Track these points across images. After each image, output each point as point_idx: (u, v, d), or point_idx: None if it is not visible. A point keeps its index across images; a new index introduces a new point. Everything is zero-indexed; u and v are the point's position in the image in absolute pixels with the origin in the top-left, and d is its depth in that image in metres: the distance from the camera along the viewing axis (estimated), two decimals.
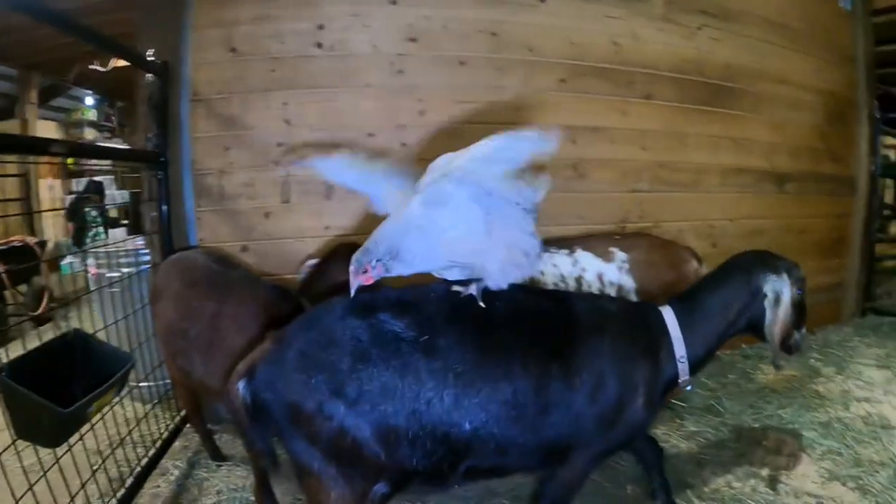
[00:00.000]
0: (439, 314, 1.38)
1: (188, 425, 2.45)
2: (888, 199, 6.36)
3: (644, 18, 3.00)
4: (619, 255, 2.44)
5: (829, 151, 3.78)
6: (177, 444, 2.42)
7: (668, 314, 1.53)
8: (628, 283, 2.42)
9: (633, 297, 2.41)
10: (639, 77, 2.97)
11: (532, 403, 1.35)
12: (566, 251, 2.45)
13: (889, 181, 6.04)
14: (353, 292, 1.34)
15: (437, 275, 1.45)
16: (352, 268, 1.32)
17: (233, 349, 1.76)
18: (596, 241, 2.52)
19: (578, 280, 2.41)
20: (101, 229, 6.68)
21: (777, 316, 1.49)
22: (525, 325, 1.43)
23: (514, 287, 1.44)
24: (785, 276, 1.52)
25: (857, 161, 3.99)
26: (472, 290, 1.40)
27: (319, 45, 2.53)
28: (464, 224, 1.35)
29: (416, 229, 1.35)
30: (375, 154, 1.73)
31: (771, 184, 3.48)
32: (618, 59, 2.92)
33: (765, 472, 2.29)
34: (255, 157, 2.53)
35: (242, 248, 2.55)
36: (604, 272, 2.42)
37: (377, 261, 1.32)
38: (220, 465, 2.26)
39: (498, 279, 1.40)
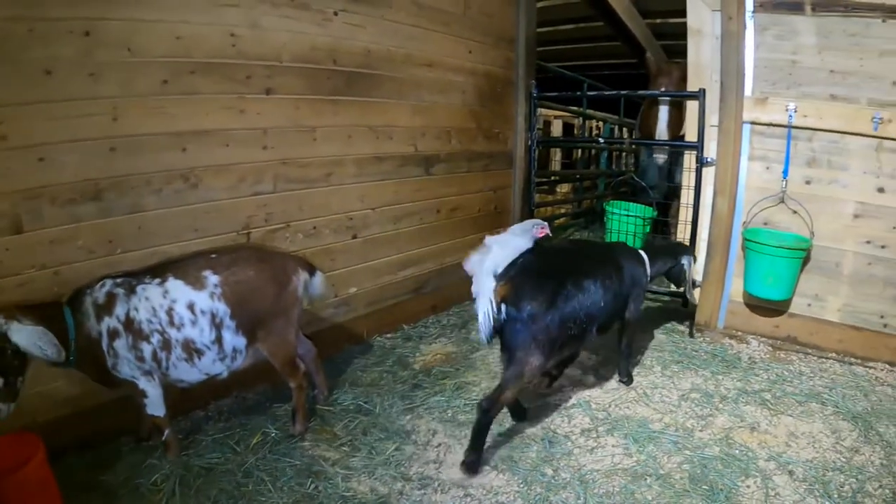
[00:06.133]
0: (572, 251, 2.93)
1: None
2: (556, 166, 7.39)
3: (268, 5, 2.82)
4: (211, 278, 2.24)
5: (482, 130, 4.13)
6: None
7: (644, 254, 3.07)
8: (221, 309, 2.23)
9: (229, 324, 2.25)
10: (258, 70, 2.82)
11: (612, 291, 2.67)
12: (158, 280, 2.18)
13: (556, 150, 7.01)
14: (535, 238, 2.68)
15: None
16: (534, 230, 2.68)
17: None
18: (191, 264, 2.26)
19: (170, 313, 2.15)
20: None
21: (690, 272, 3.39)
22: (600, 255, 2.89)
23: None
24: (692, 256, 3.45)
25: (514, 136, 4.44)
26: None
27: None
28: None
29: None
30: None
31: (417, 167, 3.68)
32: (233, 53, 2.71)
33: (413, 470, 2.29)
34: None
35: None
36: (195, 301, 2.19)
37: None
38: None
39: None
